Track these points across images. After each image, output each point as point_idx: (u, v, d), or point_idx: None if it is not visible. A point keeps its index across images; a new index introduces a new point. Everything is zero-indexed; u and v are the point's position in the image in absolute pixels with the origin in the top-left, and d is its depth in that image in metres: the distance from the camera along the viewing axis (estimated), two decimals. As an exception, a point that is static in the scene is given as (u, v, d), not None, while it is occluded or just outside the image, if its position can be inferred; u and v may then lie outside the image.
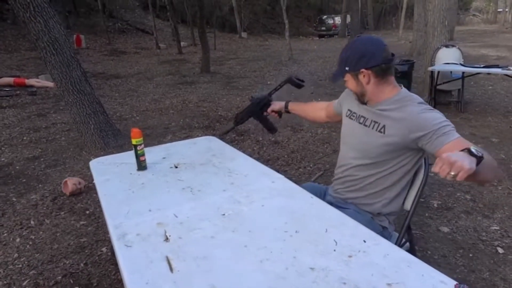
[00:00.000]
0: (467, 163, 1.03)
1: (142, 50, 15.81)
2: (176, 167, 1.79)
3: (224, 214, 1.33)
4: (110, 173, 1.78)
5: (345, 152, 1.61)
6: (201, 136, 4.70)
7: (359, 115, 1.55)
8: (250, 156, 1.95)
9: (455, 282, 0.93)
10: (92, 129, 4.00)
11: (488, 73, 5.37)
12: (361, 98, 1.50)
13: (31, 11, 3.44)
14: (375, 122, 1.46)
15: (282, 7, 12.77)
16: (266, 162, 3.66)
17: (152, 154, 1.93)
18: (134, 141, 1.72)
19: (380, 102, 1.46)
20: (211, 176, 1.68)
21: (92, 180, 3.37)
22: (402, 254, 1.08)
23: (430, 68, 5.31)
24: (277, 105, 1.99)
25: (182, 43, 15.89)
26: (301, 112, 2.00)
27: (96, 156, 3.94)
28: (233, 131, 4.77)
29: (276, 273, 1.01)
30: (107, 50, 15.10)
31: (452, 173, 1.02)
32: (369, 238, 1.15)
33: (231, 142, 4.36)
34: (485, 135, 4.29)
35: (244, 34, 23.15)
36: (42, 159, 4.05)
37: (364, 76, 1.42)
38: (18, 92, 7.66)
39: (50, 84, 2.83)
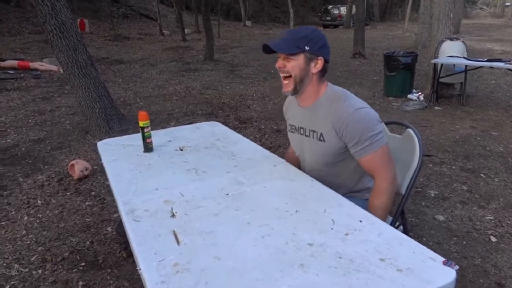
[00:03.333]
0: None
1: (145, 36, 15.78)
2: (181, 150, 1.86)
3: (228, 194, 1.40)
4: (117, 154, 1.85)
5: (306, 165, 1.62)
6: (204, 122, 4.73)
7: (298, 127, 1.57)
8: (253, 142, 2.00)
9: (443, 259, 1.00)
10: (97, 113, 4.06)
11: (491, 67, 5.39)
12: (298, 86, 1.44)
13: (39, -6, 3.48)
14: (312, 131, 1.48)
15: (287, -4, 12.69)
16: (267, 149, 3.70)
17: (158, 137, 1.99)
18: (141, 124, 1.78)
19: (314, 103, 1.47)
20: (215, 158, 1.74)
21: (97, 163, 3.45)
22: (395, 233, 1.14)
23: (433, 61, 5.32)
24: None
25: (186, 30, 15.84)
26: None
27: (101, 139, 4.01)
28: (236, 119, 4.83)
29: (276, 247, 1.08)
30: (111, 35, 15.08)
31: None
32: (365, 218, 1.21)
33: (233, 129, 4.41)
34: (485, 129, 4.34)
35: (248, 23, 23.03)
36: (47, 141, 4.12)
37: (316, 64, 1.41)
38: (22, 75, 7.72)
39: (54, 67, 2.88)
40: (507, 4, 40.05)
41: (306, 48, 1.38)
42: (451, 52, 5.45)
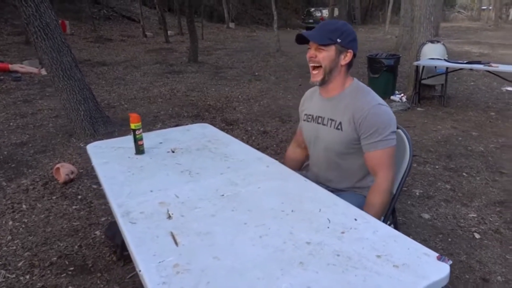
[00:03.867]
0: None
1: (128, 38, 15.59)
2: (173, 152, 1.85)
3: (223, 195, 1.41)
4: (108, 156, 1.83)
5: (316, 154, 1.67)
6: (190, 124, 4.71)
7: (316, 116, 1.61)
8: (242, 144, 2.02)
9: (437, 254, 1.03)
10: (82, 116, 4.00)
11: (471, 69, 5.55)
12: (327, 76, 1.49)
13: (22, -5, 3.42)
14: (331, 120, 1.53)
15: (271, -2, 12.76)
16: (255, 151, 3.73)
17: (148, 139, 1.98)
18: (133, 126, 1.78)
19: (338, 94, 1.53)
20: (208, 160, 1.75)
21: (83, 166, 3.40)
22: (389, 231, 1.18)
23: (415, 63, 5.44)
24: None
25: (169, 32, 15.73)
26: None
27: (86, 142, 3.95)
28: (222, 120, 4.83)
29: (275, 247, 1.09)
30: (92, 37, 14.85)
31: None
32: (360, 217, 1.24)
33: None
34: (465, 129, 4.46)
35: (232, 25, 23.01)
36: (30, 145, 4.03)
37: (345, 56, 1.48)
38: (2, 77, 7.53)
39: (35, 70, 2.83)
40: (483, 7, 41.26)
41: (338, 40, 1.44)
42: (432, 54, 5.59)
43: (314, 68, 1.50)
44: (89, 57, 10.70)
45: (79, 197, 2.90)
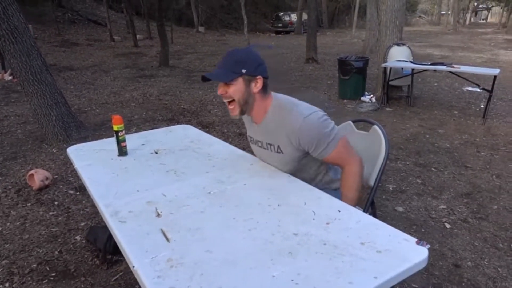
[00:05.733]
0: None
1: (95, 42, 15.26)
2: (157, 153, 1.87)
3: (210, 192, 1.44)
4: (90, 159, 1.82)
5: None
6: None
7: (256, 139, 1.64)
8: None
9: (415, 239, 1.11)
10: (53, 121, 3.90)
11: (434, 70, 5.83)
12: (244, 107, 1.47)
13: (-12, -3, 3.31)
14: (269, 144, 1.55)
15: (240, 2, 12.86)
16: (232, 152, 3.77)
17: (130, 141, 1.97)
18: (115, 127, 1.78)
19: (264, 118, 1.53)
20: (192, 160, 1.78)
21: (57, 172, 3.33)
22: (371, 220, 1.25)
23: (383, 65, 5.65)
24: None
25: (137, 36, 15.52)
26: None
27: (59, 148, 3.88)
28: (198, 123, 4.84)
29: (264, 239, 1.14)
30: (57, 41, 14.44)
31: None
32: (343, 208, 1.31)
33: (196, 134, 4.43)
34: (432, 127, 4.68)
35: (201, 29, 22.97)
36: (-1, 152, 3.90)
37: (256, 83, 1.44)
38: (-38, 83, 7.20)
39: None
40: (442, 12, 43.15)
41: (243, 71, 1.40)
42: (399, 57, 5.82)
43: (229, 103, 1.48)
44: (55, 62, 10.40)
45: (56, 203, 2.84)
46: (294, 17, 25.26)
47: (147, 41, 16.77)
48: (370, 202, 1.63)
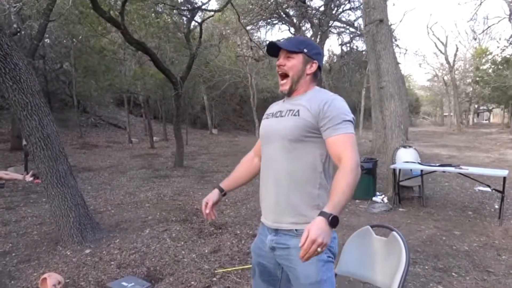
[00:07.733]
0: (326, 238, 1.27)
1: (114, 144, 16.05)
2: None
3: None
4: None
5: (266, 153, 1.69)
6: (179, 229, 4.70)
7: (276, 111, 1.70)
8: (230, 249, 2.05)
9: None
10: (71, 222, 3.98)
11: (443, 171, 5.93)
12: (294, 85, 1.63)
13: (28, 110, 3.67)
14: (290, 110, 1.63)
15: (252, 107, 13.76)
16: (246, 255, 3.73)
17: None
18: None
19: (300, 95, 1.65)
20: None
21: (69, 276, 3.30)
22: None
23: (392, 166, 5.81)
24: (212, 196, 1.91)
25: (154, 138, 16.35)
26: (237, 182, 2.00)
27: (73, 250, 3.89)
28: (211, 225, 4.85)
29: None
30: (79, 143, 15.24)
31: (319, 250, 1.26)
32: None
33: (209, 236, 4.43)
34: (448, 228, 4.62)
35: (214, 131, 24.18)
36: (13, 254, 3.91)
37: (311, 66, 1.63)
38: (-15, 184, 7.49)
39: (19, 176, 2.93)
40: (445, 114, 45.09)
41: (305, 50, 1.61)
42: (406, 158, 6.01)
43: (282, 78, 1.64)
44: (75, 163, 10.86)
45: (66, 309, 2.77)
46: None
47: (163, 142, 17.59)
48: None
